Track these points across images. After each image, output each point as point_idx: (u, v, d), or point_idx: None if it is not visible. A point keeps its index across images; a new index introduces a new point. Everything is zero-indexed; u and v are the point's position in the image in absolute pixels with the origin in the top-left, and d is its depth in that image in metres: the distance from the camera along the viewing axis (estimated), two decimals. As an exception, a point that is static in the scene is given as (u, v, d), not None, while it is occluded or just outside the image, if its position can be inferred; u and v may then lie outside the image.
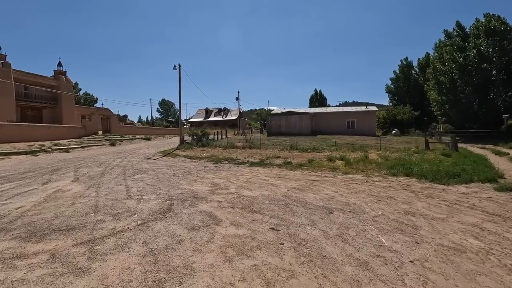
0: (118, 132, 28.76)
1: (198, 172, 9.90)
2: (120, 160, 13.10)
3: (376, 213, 5.06)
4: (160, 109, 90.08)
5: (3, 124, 16.87)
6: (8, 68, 24.23)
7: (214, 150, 16.42)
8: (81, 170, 9.91)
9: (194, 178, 8.67)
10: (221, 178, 8.74)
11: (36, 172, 9.47)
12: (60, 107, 30.12)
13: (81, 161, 12.69)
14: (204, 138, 19.48)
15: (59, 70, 31.07)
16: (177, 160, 13.75)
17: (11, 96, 24.33)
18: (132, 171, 9.90)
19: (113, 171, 9.73)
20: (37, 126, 19.53)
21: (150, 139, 27.52)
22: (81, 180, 8.01)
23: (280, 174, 9.56)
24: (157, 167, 10.93)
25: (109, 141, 21.84)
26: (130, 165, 11.58)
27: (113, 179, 8.13)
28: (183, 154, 15.80)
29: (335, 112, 31.58)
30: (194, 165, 11.96)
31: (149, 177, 8.62)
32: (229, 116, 69.09)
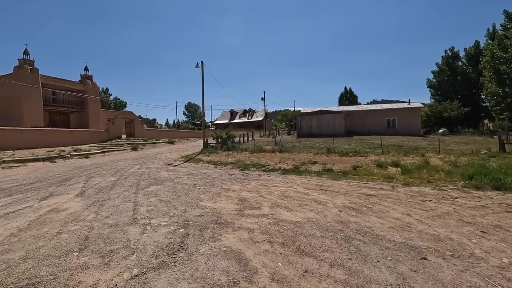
0: (142, 135, 28.63)
1: (223, 182, 8.51)
2: (138, 167, 12.15)
3: (499, 260, 3.24)
4: (186, 112, 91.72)
5: (24, 129, 16.93)
6: (36, 74, 24.94)
7: (240, 155, 15.05)
8: (92, 180, 8.96)
9: (218, 191, 7.27)
10: (250, 191, 7.26)
11: (44, 182, 8.66)
12: (86, 111, 30.75)
13: (97, 168, 11.92)
14: (229, 141, 18.24)
15: (86, 75, 31.80)
16: (199, 166, 12.52)
17: (39, 102, 25.00)
18: (147, 181, 8.76)
19: (126, 181, 8.64)
20: (59, 131, 19.57)
21: (173, 143, 26.97)
22: (86, 194, 6.93)
23: (322, 185, 7.88)
24: (177, 176, 9.72)
25: (131, 145, 21.43)
26: (147, 173, 10.51)
27: (122, 193, 6.97)
28: (206, 159, 14.60)
29: (372, 110, 28.92)
30: (218, 172, 10.62)
31: (164, 190, 7.36)
32: (254, 118, 67.97)
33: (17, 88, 23.56)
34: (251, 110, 69.48)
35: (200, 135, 44.70)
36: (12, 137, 15.74)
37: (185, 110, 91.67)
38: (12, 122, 21.97)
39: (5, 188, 7.73)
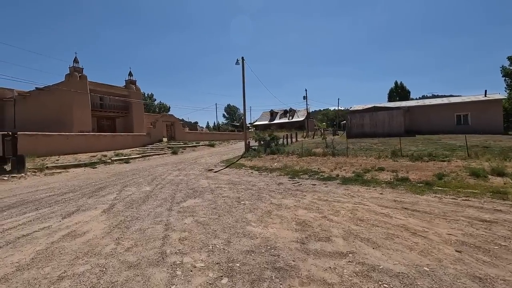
0: (182, 138, 28.71)
1: (272, 195, 7.09)
2: (176, 173, 11.33)
3: None
4: (226, 114, 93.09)
5: (69, 134, 17.53)
6: (84, 80, 26.37)
7: (286, 159, 13.52)
8: (126, 190, 8.19)
9: (267, 207, 5.87)
10: (308, 209, 5.75)
11: (78, 192, 8.11)
12: (131, 116, 31.94)
13: (134, 174, 11.37)
14: (273, 143, 16.84)
15: (130, 80, 33.11)
16: (242, 172, 11.29)
17: (88, 107, 26.37)
18: (184, 192, 7.70)
19: (161, 192, 7.68)
20: (103, 136, 20.10)
21: (214, 146, 26.47)
22: (114, 209, 6.02)
23: (403, 202, 6.05)
24: (217, 186, 8.55)
25: (171, 149, 21.24)
26: (185, 181, 9.54)
27: (154, 209, 5.92)
28: (249, 164, 13.35)
29: (438, 105, 25.14)
30: (264, 181, 9.24)
31: (203, 206, 6.16)
32: (296, 118, 65.81)
33: (68, 95, 25.10)
34: (291, 110, 67.47)
35: (240, 137, 44.20)
36: (58, 142, 16.34)
37: (225, 113, 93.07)
38: (63, 128, 23.36)
39: (37, 200, 7.26)
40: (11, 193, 8.21)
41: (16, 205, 6.69)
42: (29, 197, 7.55)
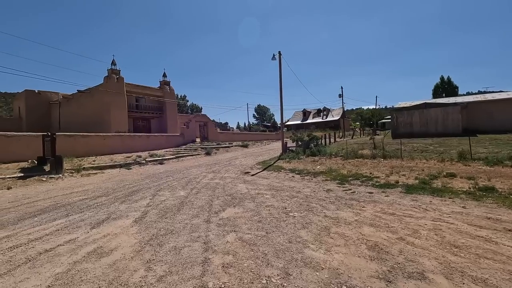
0: (215, 139, 28.48)
1: (323, 205, 6.05)
2: (211, 176, 10.69)
3: None
4: (256, 114, 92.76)
5: (106, 135, 17.85)
6: (121, 83, 27.21)
7: (330, 161, 12.29)
8: (160, 195, 7.63)
9: (323, 222, 4.87)
10: (375, 226, 4.67)
11: (111, 196, 7.71)
12: (165, 116, 32.51)
13: (168, 177, 10.93)
14: (312, 143, 15.64)
15: (164, 81, 33.76)
16: (282, 176, 10.32)
17: (124, 108, 27.17)
18: (222, 199, 6.92)
19: (196, 199, 6.98)
20: (137, 136, 20.32)
21: (247, 146, 25.82)
22: (147, 219, 5.38)
23: (502, 221, 4.76)
24: (258, 192, 7.67)
25: (205, 149, 20.90)
26: (221, 185, 8.81)
27: (190, 221, 5.18)
28: (288, 166, 12.33)
29: (504, 100, 22.02)
30: (309, 186, 8.19)
31: (245, 217, 5.30)
32: (330, 117, 63.33)
33: (106, 96, 26.04)
34: (326, 109, 65.03)
35: (273, 137, 43.26)
36: (96, 143, 16.67)
37: (255, 113, 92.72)
38: (102, 128, 24.21)
39: (70, 204, 6.93)
40: (46, 195, 8.07)
41: (48, 210, 6.38)
42: (62, 201, 7.28)
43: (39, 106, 32.65)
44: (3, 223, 5.47)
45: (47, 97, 33.41)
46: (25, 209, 6.59)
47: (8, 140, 12.77)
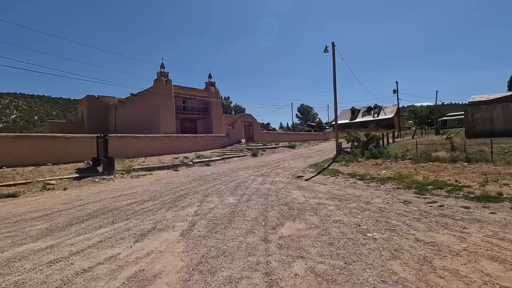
0: (260, 139, 27.85)
1: (406, 222, 4.79)
2: (261, 180, 9.87)
3: None
4: (299, 114, 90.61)
5: (155, 136, 18.23)
6: (169, 85, 28.09)
7: (396, 165, 10.62)
8: (208, 201, 7.00)
9: (418, 250, 3.68)
10: (496, 259, 3.43)
11: (158, 200, 7.30)
12: (210, 117, 32.90)
13: (216, 179, 10.39)
14: (372, 144, 13.95)
15: (209, 82, 34.21)
16: (341, 182, 9.06)
17: (172, 110, 27.98)
18: (277, 209, 6.01)
19: (248, 208, 6.16)
20: (184, 137, 20.51)
21: (294, 147, 24.68)
22: (195, 232, 4.69)
23: None
24: (318, 201, 6.60)
25: (251, 150, 20.31)
26: (273, 191, 7.92)
27: (244, 238, 4.34)
28: (346, 170, 10.98)
29: None
30: (379, 196, 6.87)
31: (311, 237, 4.30)
32: (382, 115, 58.81)
33: (156, 99, 27.08)
34: (377, 106, 60.52)
35: (320, 138, 41.30)
36: (145, 144, 17.10)
37: (298, 113, 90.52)
38: (152, 130, 25.15)
39: (117, 208, 6.64)
40: (97, 198, 8.01)
41: (96, 215, 6.12)
42: (110, 204, 7.06)
43: (98, 110, 35.49)
44: (52, 229, 5.26)
45: (105, 101, 36.17)
46: (75, 212, 6.46)
47: (67, 142, 13.56)
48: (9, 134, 12.30)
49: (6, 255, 4.06)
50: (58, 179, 10.12)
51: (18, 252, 4.16)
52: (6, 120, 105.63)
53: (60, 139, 13.41)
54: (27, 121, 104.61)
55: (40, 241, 4.59)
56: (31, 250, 4.18)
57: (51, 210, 6.71)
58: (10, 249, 4.29)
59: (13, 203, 7.76)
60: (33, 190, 9.01)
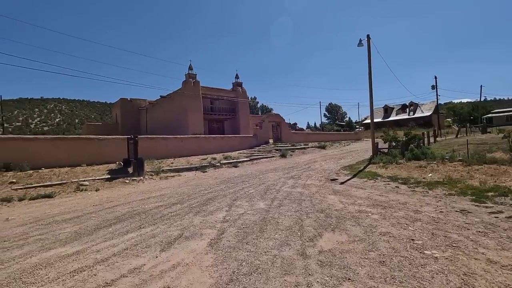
0: (289, 139, 27.21)
1: (470, 237, 4.07)
2: (292, 183, 9.34)
3: None
4: (327, 113, 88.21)
5: (183, 137, 18.32)
6: (197, 86, 28.39)
7: (444, 167, 9.55)
8: (237, 206, 6.62)
9: (495, 276, 3.00)
10: None
11: (185, 204, 7.06)
12: (237, 118, 32.84)
13: (244, 182, 10.03)
14: (413, 144, 12.80)
15: (237, 82, 34.18)
16: (381, 186, 8.27)
17: (200, 111, 28.25)
18: (313, 217, 5.46)
19: (281, 215, 5.67)
20: (212, 138, 20.47)
21: (324, 147, 23.71)
22: (224, 242, 4.31)
23: None
24: (359, 209, 5.95)
25: (279, 151, 19.77)
26: (307, 195, 7.36)
27: (279, 251, 3.87)
28: (386, 173, 10.10)
29: None
30: (429, 204, 6.05)
31: (357, 252, 3.72)
32: (419, 113, 55.34)
33: (184, 100, 27.50)
34: (413, 103, 57.06)
35: (351, 137, 39.57)
36: (174, 145, 17.25)
37: (326, 112, 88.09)
38: (180, 131, 25.53)
39: (145, 212, 6.48)
40: (126, 200, 7.97)
41: (124, 218, 5.99)
42: (138, 207, 6.94)
43: (131, 112, 36.94)
44: (81, 232, 5.17)
45: (137, 103, 37.56)
46: (104, 215, 6.39)
47: (100, 143, 13.99)
48: (47, 136, 12.91)
49: (34, 261, 3.96)
50: (91, 180, 10.35)
51: (45, 257, 4.05)
52: (51, 123, 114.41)
53: (93, 140, 13.88)
54: (69, 124, 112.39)
55: (67, 246, 4.47)
56: (58, 256, 4.05)
57: (82, 212, 6.73)
58: (38, 254, 4.21)
59: (48, 204, 7.96)
60: (67, 191, 9.25)
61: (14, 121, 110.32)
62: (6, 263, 3.95)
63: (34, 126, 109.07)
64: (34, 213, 6.94)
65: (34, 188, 9.15)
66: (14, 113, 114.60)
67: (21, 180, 9.85)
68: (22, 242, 4.78)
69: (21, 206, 7.82)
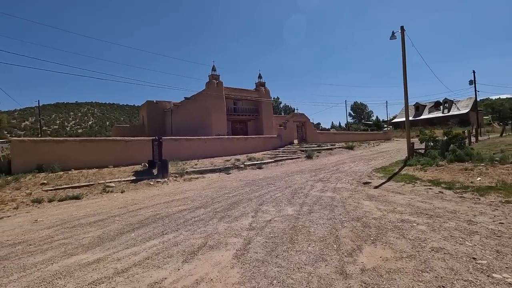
0: (314, 140, 26.42)
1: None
2: (320, 186, 8.78)
3: None
4: (352, 112, 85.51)
5: (207, 138, 18.22)
6: (220, 87, 28.40)
7: (493, 170, 8.52)
8: (263, 211, 6.22)
9: None
10: None
11: (209, 208, 6.77)
12: (261, 118, 32.48)
13: (270, 184, 9.61)
14: (455, 144, 11.69)
15: (259, 82, 33.85)
16: (422, 191, 7.49)
17: (223, 112, 28.22)
18: (348, 226, 4.92)
19: (312, 223, 5.18)
20: (236, 139, 20.22)
21: (352, 148, 22.67)
22: (251, 254, 3.92)
23: None
24: (400, 218, 5.30)
25: (305, 152, 19.12)
26: (339, 201, 6.78)
27: (314, 268, 3.41)
28: (425, 176, 9.22)
29: None
30: (483, 213, 5.28)
31: (408, 273, 3.16)
32: (454, 110, 51.94)
33: (208, 101, 27.61)
34: (447, 100, 53.67)
35: (380, 137, 37.76)
36: (198, 146, 17.20)
37: (351, 111, 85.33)
38: (204, 132, 25.65)
39: (168, 216, 6.26)
40: (150, 202, 7.85)
41: (147, 222, 5.80)
42: (162, 211, 6.75)
43: (157, 114, 37.89)
44: (103, 237, 5.02)
45: (163, 105, 38.44)
46: (128, 218, 6.26)
47: (127, 145, 14.21)
48: (76, 138, 13.32)
49: (54, 268, 3.81)
50: (117, 181, 10.43)
51: (66, 265, 3.89)
52: (84, 126, 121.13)
53: (120, 142, 14.13)
54: (100, 126, 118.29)
55: (89, 252, 4.31)
56: (78, 264, 3.87)
57: (107, 215, 6.65)
58: (60, 261, 4.07)
59: (76, 205, 8.04)
60: (94, 192, 9.34)
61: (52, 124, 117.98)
62: (28, 269, 3.84)
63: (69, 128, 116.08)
64: (62, 214, 6.99)
65: (63, 189, 9.35)
66: (52, 117, 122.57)
67: (51, 181, 10.14)
68: (46, 247, 4.71)
69: (50, 207, 7.96)
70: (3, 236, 5.48)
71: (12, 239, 5.29)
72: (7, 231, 5.88)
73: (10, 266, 3.97)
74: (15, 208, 7.88)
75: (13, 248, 4.73)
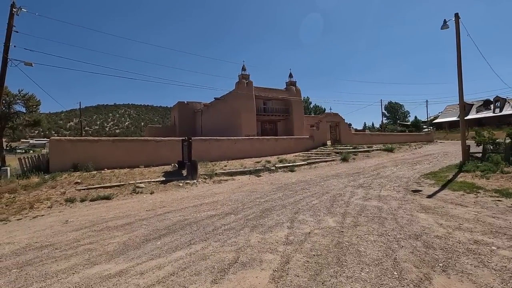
0: (349, 141, 25.06)
1: None
2: (362, 193, 7.91)
3: None
4: (386, 113, 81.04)
5: (236, 139, 17.80)
6: (250, 87, 28.01)
7: None
8: (300, 220, 5.56)
9: None
10: None
11: (240, 215, 6.25)
12: (291, 118, 31.62)
13: (304, 189, 8.89)
14: (521, 148, 10.11)
15: (290, 81, 32.99)
16: (489, 203, 6.36)
17: (253, 112, 27.80)
18: (408, 246, 4.10)
19: (361, 240, 4.43)
20: (266, 140, 19.59)
21: (392, 150, 21.05)
22: (292, 278, 3.29)
23: None
24: (472, 237, 4.38)
25: (340, 154, 18.01)
26: (388, 212, 5.92)
27: (374, 304, 2.74)
28: (488, 184, 7.97)
29: None
30: None
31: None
32: (507, 109, 46.92)
33: (238, 101, 27.36)
34: (499, 98, 48.60)
35: (422, 139, 34.99)
36: (227, 147, 16.86)
37: (385, 111, 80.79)
38: (234, 133, 25.41)
39: (196, 222, 5.84)
40: (178, 205, 7.53)
41: (174, 229, 5.42)
42: (190, 216, 6.36)
43: (188, 115, 38.58)
44: (129, 244, 4.70)
45: (193, 106, 39.06)
46: (155, 222, 5.95)
47: (156, 145, 14.24)
48: (109, 138, 13.58)
49: (75, 280, 3.51)
50: (147, 182, 10.34)
51: (87, 276, 3.57)
52: (122, 127, 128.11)
53: (150, 142, 14.19)
54: (136, 126, 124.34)
55: (112, 262, 3.98)
56: (99, 277, 3.53)
57: (134, 218, 6.41)
58: (82, 270, 3.78)
59: (106, 206, 7.96)
60: (124, 193, 9.28)
61: (93, 125, 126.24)
62: (49, 279, 3.58)
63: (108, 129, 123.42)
64: (91, 215, 6.89)
65: (95, 189, 9.40)
66: (93, 118, 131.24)
67: (85, 180, 10.29)
68: (71, 252, 4.48)
69: (81, 207, 7.95)
70: (33, 238, 5.40)
71: (41, 241, 5.18)
72: (38, 231, 5.84)
73: (32, 274, 3.76)
74: (49, 207, 7.98)
75: (39, 252, 4.57)
